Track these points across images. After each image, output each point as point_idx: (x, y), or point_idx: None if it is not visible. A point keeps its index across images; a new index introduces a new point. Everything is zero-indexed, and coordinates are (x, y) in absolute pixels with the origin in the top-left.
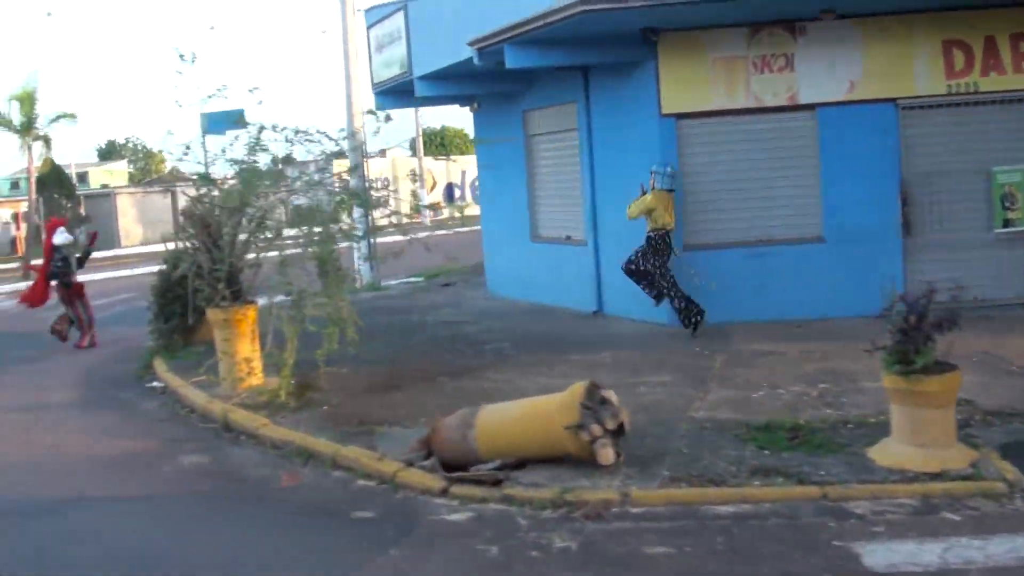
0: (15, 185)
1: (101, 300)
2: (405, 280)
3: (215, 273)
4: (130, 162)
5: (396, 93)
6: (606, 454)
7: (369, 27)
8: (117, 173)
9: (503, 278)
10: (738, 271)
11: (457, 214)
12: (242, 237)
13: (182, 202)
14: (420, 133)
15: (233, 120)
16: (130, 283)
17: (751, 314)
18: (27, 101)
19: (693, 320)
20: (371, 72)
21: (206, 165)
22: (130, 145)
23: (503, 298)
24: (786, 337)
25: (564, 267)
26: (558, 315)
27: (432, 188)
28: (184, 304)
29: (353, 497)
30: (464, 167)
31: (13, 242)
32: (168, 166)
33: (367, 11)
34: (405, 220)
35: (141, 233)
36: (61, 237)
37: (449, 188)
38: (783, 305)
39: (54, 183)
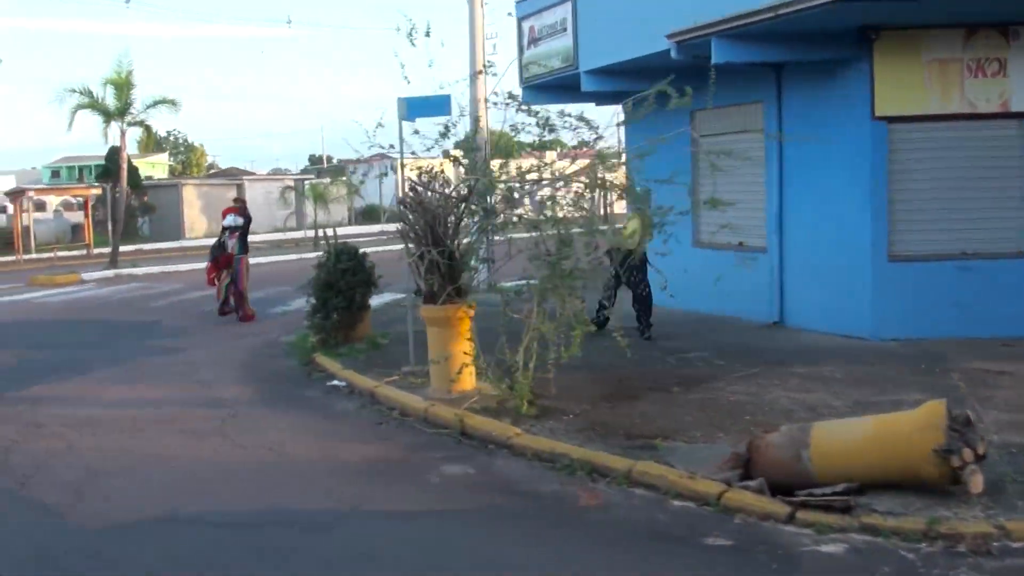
0: (56, 174)
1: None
2: (520, 282)
3: (450, 266)
4: (172, 155)
5: (549, 89)
6: (977, 481)
7: (522, 18)
8: (159, 165)
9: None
10: (943, 285)
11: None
12: (467, 227)
13: (248, 194)
14: (489, 136)
15: (437, 107)
16: None
17: (953, 330)
18: (123, 85)
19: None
20: (520, 66)
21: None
22: (171, 138)
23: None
24: (1001, 356)
25: (734, 275)
26: (734, 325)
27: None
28: (349, 298)
29: (682, 520)
30: None
31: (74, 229)
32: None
33: (519, 2)
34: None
35: (206, 225)
36: (229, 220)
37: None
38: (985, 321)
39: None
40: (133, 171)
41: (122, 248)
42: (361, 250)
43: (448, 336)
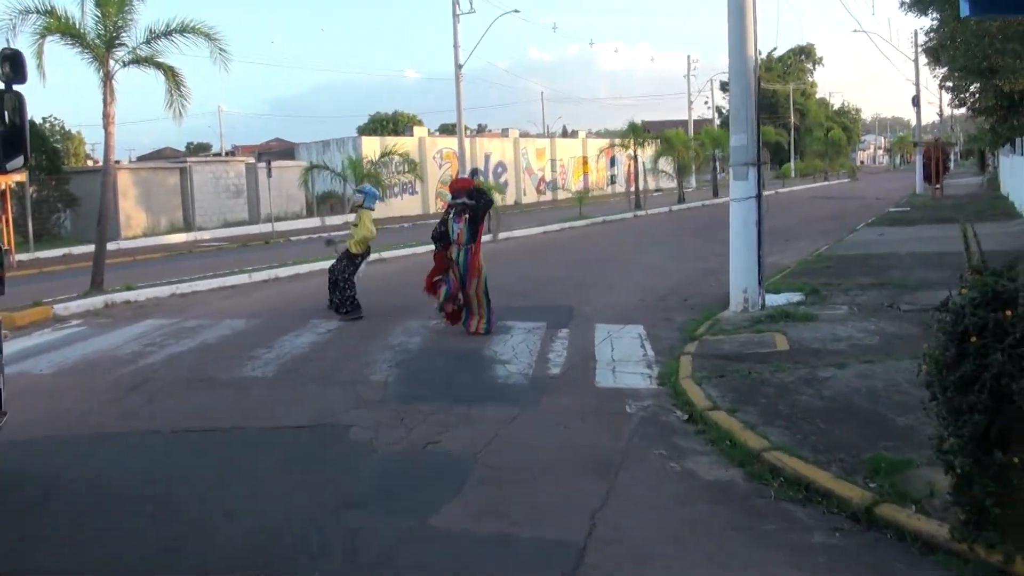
0: None
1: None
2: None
3: None
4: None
5: None
6: None
7: None
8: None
9: None
10: None
11: None
12: None
13: (196, 179)
14: (461, 111)
15: None
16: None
17: None
18: (112, 2)
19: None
20: None
21: None
22: (47, 124)
23: None
24: None
25: None
26: None
27: (457, 173)
28: None
29: None
30: (488, 150)
31: None
32: None
33: None
34: None
35: (145, 220)
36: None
37: (474, 172)
38: None
39: (36, 150)
40: (53, 153)
41: (43, 254)
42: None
43: None
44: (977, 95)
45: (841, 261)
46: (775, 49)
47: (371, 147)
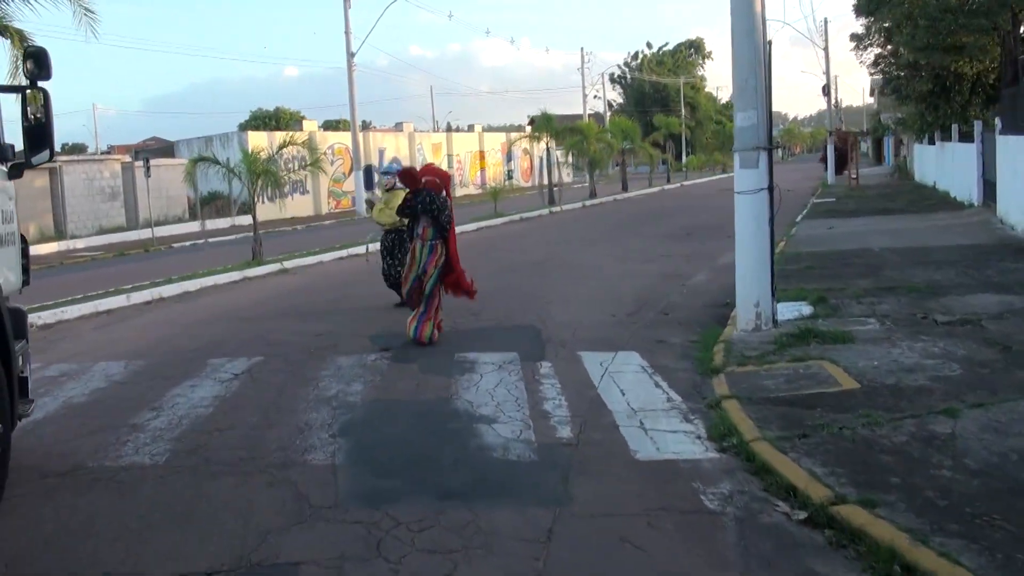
0: None
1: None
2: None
3: None
4: None
5: None
6: None
7: None
8: None
9: None
10: None
11: None
12: None
13: (66, 180)
14: (355, 103)
15: None
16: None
17: None
18: None
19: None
20: None
21: None
22: None
23: None
24: None
25: None
26: None
27: (350, 170)
28: None
29: None
30: (382, 145)
31: None
32: None
33: None
34: None
35: None
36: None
37: (368, 170)
38: None
39: None
40: None
41: None
42: None
43: None
44: (915, 79)
45: (817, 260)
46: (666, 44)
47: (258, 143)
